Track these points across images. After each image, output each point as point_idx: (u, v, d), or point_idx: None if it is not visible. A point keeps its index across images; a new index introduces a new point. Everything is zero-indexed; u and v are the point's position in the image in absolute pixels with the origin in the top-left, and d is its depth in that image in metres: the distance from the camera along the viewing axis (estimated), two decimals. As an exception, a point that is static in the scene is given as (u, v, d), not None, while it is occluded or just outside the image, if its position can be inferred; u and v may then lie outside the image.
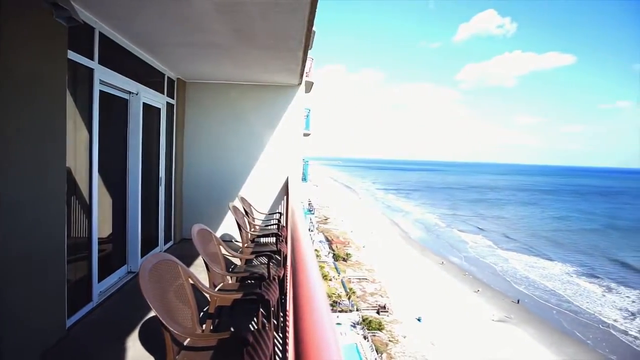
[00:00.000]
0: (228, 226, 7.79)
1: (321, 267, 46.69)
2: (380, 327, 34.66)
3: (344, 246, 62.73)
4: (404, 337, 33.56)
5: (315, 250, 52.22)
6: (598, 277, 50.66)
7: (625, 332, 35.38)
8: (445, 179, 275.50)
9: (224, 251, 4.10)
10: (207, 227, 3.96)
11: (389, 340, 33.30)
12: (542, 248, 67.63)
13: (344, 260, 55.37)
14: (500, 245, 69.51)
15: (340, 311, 38.67)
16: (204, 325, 3.12)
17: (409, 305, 39.63)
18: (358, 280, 47.98)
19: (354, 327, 35.31)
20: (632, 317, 38.39)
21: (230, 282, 3.96)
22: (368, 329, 34.20)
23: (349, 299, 41.09)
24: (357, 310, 38.80)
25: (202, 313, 3.62)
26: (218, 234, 7.77)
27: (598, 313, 39.24)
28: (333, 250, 59.48)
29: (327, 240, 66.25)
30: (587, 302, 41.98)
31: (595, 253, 64.59)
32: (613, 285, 47.97)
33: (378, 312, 38.55)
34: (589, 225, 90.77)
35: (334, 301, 39.97)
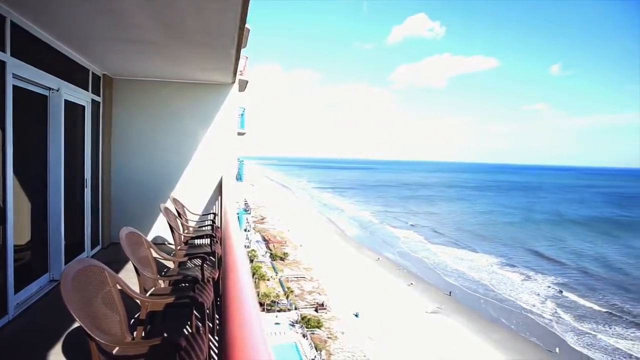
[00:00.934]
0: (160, 228, 7.51)
1: (258, 268, 46.29)
2: (319, 325, 34.97)
3: (281, 245, 62.58)
4: (342, 333, 34.13)
5: (252, 250, 51.68)
6: (517, 267, 54.65)
7: (541, 316, 38.43)
8: (379, 176, 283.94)
9: (155, 254, 3.94)
10: (137, 230, 3.78)
11: (328, 337, 33.69)
12: (469, 241, 71.63)
13: (282, 259, 55.24)
14: (431, 240, 72.66)
15: (279, 310, 38.54)
16: (134, 333, 2.98)
17: (346, 302, 40.37)
18: (296, 279, 48.06)
19: (293, 325, 35.33)
20: (546, 302, 41.83)
21: (162, 286, 3.82)
22: (307, 327, 34.35)
23: (287, 298, 41.04)
24: (296, 309, 38.85)
25: (132, 320, 3.46)
26: (150, 236, 7.46)
27: (519, 300, 42.33)
28: (270, 250, 59.12)
29: (264, 240, 65.77)
30: (510, 290, 45.18)
31: (514, 244, 69.57)
32: (530, 273, 51.86)
33: (316, 310, 38.85)
34: (509, 219, 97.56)
35: (272, 301, 39.72)
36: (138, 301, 3.05)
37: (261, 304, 39.02)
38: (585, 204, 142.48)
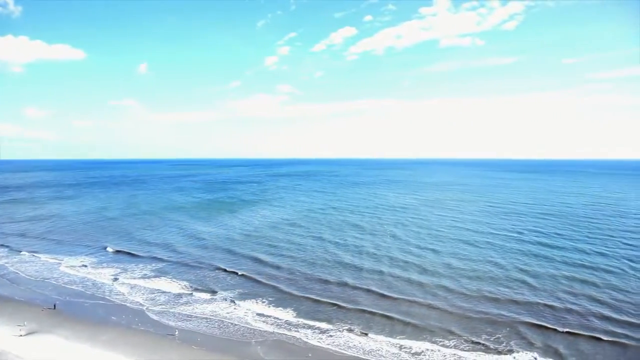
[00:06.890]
0: None
1: None
2: None
3: None
4: None
5: None
6: (107, 265, 57.15)
7: (141, 305, 41.64)
8: None
9: None
10: None
11: None
12: (50, 246, 69.15)
13: None
14: (13, 250, 66.05)
15: None
16: None
17: None
18: None
19: None
20: (139, 292, 45.87)
21: None
22: None
23: None
24: None
25: None
26: None
27: (118, 295, 44.70)
28: None
29: None
30: (109, 288, 47.03)
31: (97, 243, 70.85)
32: (128, 266, 55.68)
33: None
34: (89, 218, 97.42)
35: None
36: None
37: None
38: (184, 191, 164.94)
